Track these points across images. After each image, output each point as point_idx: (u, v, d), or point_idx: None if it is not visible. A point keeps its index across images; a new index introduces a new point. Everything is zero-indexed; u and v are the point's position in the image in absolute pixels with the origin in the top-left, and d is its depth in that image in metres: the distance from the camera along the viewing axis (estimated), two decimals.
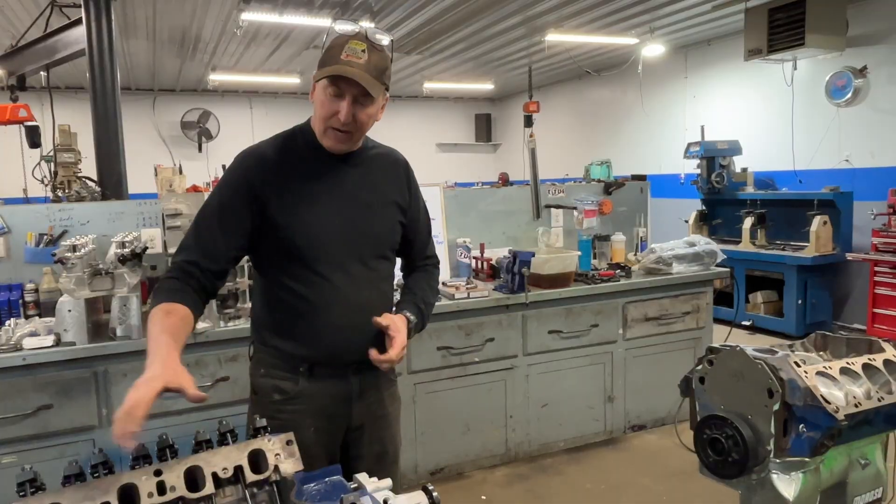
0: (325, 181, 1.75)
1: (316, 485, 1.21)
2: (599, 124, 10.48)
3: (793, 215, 6.48)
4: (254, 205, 1.68)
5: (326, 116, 1.67)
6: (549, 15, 6.89)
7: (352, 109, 1.64)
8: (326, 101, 1.65)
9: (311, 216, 1.72)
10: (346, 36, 1.64)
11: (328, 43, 1.68)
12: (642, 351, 4.14)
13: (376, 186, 1.84)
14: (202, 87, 10.76)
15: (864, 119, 6.42)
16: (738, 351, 1.30)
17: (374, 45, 1.65)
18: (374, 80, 1.63)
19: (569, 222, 4.65)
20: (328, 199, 1.74)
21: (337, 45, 1.63)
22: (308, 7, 6.28)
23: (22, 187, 7.37)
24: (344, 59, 1.61)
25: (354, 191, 1.78)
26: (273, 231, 1.70)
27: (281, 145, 1.77)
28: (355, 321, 1.75)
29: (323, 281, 1.73)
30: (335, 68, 1.61)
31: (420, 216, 1.98)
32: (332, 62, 1.62)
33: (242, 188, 1.69)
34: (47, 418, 2.74)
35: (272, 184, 1.70)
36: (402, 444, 3.48)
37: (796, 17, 6.05)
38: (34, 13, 5.55)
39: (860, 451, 1.34)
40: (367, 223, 1.79)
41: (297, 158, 1.75)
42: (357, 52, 1.62)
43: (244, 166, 1.73)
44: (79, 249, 2.78)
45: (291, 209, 1.71)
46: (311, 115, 1.78)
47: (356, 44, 1.62)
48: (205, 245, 1.68)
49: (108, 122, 4.61)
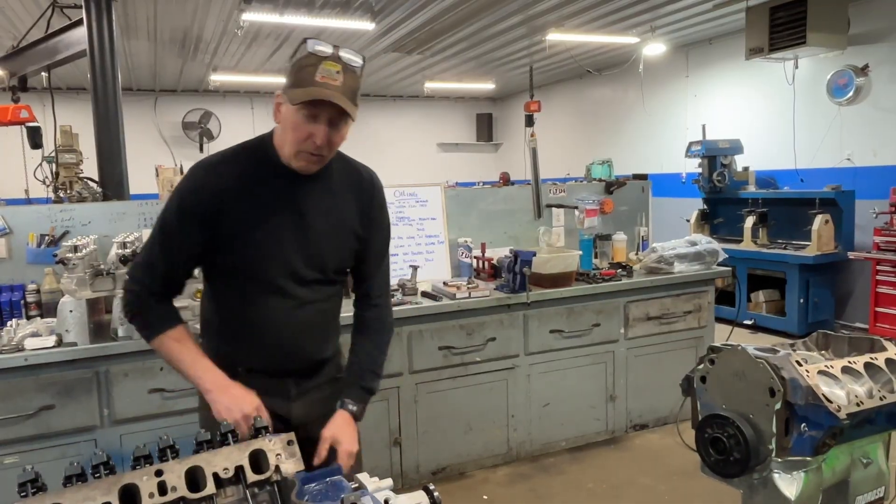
0: (280, 202, 1.73)
1: (317, 485, 1.21)
2: (601, 124, 10.48)
3: (794, 214, 6.47)
4: (208, 223, 1.69)
5: (300, 139, 1.63)
6: (550, 14, 6.88)
7: (327, 133, 1.63)
8: (300, 124, 1.61)
9: (258, 237, 1.71)
10: (319, 56, 1.58)
11: (297, 61, 1.61)
12: (644, 350, 4.13)
13: (332, 210, 1.80)
14: (203, 87, 10.77)
15: (866, 117, 6.40)
16: (740, 350, 1.30)
17: (348, 66, 1.61)
18: (350, 104, 1.61)
19: (570, 222, 4.65)
20: (280, 221, 1.73)
21: (309, 66, 1.58)
22: (309, 7, 6.27)
23: (24, 188, 7.39)
24: (319, 80, 1.56)
25: (308, 214, 1.75)
26: (220, 246, 1.71)
27: (237, 160, 1.75)
28: (291, 341, 1.79)
29: (262, 300, 1.75)
30: (314, 91, 1.56)
31: (374, 244, 1.91)
32: (305, 84, 1.57)
33: (198, 207, 1.69)
34: (49, 419, 2.75)
35: (225, 202, 1.69)
36: (403, 443, 3.51)
37: (797, 15, 6.04)
38: (35, 14, 5.55)
39: (862, 450, 1.34)
40: (315, 247, 1.77)
41: (253, 176, 1.72)
42: (332, 73, 1.57)
43: (199, 182, 1.72)
44: (80, 250, 2.78)
45: (240, 228, 1.70)
46: (275, 130, 1.75)
47: (331, 65, 1.58)
48: (169, 269, 1.74)
49: (109, 122, 4.61)
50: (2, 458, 2.71)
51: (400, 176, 5.26)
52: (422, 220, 4.16)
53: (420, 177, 9.77)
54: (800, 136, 6.98)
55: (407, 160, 12.31)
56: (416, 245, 4.13)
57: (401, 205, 4.14)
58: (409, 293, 3.65)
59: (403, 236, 4.09)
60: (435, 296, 3.59)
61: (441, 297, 3.57)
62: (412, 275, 3.79)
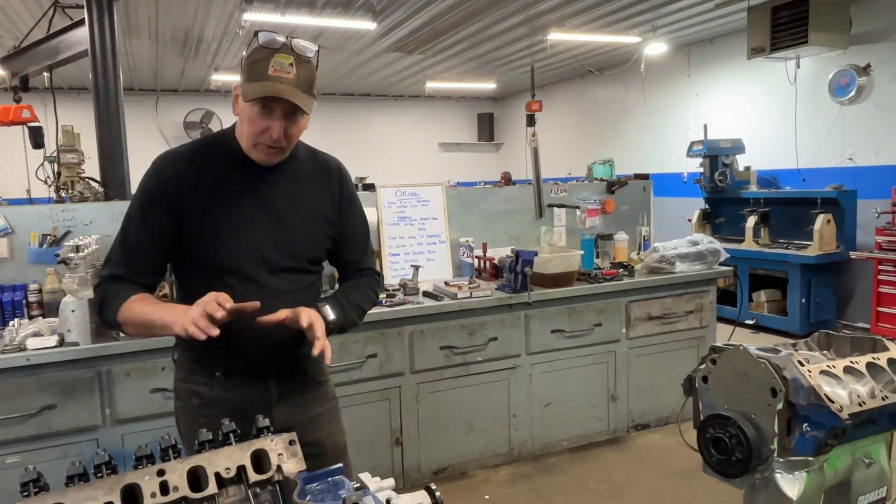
0: (245, 192, 1.71)
1: (318, 484, 1.21)
2: (602, 123, 10.47)
3: (796, 214, 6.47)
4: (172, 214, 1.67)
5: (256, 133, 1.62)
6: (552, 14, 6.88)
7: (283, 126, 1.61)
8: (256, 118, 1.60)
9: (227, 229, 1.69)
10: (271, 49, 1.55)
11: (250, 55, 1.59)
12: (645, 350, 4.13)
13: (300, 197, 1.78)
14: (205, 87, 10.77)
15: (868, 117, 6.39)
16: (742, 350, 1.29)
17: (302, 57, 1.58)
18: (305, 96, 1.58)
19: (571, 221, 4.65)
20: (245, 211, 1.71)
21: (262, 59, 1.55)
22: (310, 7, 6.28)
23: (25, 188, 7.40)
24: (272, 74, 1.54)
25: (275, 202, 1.73)
26: (188, 241, 1.69)
27: (200, 152, 1.74)
28: (269, 333, 1.68)
29: (235, 294, 1.64)
30: (265, 87, 1.54)
31: (355, 229, 1.90)
32: (258, 78, 1.55)
33: (161, 198, 1.67)
34: (51, 418, 2.75)
35: (188, 194, 1.67)
36: (404, 443, 3.50)
37: (799, 14, 6.03)
38: (37, 14, 5.56)
39: (864, 451, 1.34)
40: (285, 236, 1.74)
41: (216, 168, 1.71)
42: (285, 66, 1.55)
43: (161, 175, 1.69)
44: (82, 250, 2.78)
45: (207, 220, 1.68)
46: (236, 123, 1.73)
47: (283, 57, 1.55)
48: (132, 259, 1.69)
49: (110, 122, 4.61)
50: (4, 458, 2.71)
51: (401, 176, 5.25)
52: (423, 220, 4.16)
53: (421, 177, 9.77)
54: (801, 136, 6.97)
55: (408, 160, 12.32)
56: (418, 245, 4.13)
57: (402, 205, 4.14)
58: (410, 293, 3.65)
59: (405, 236, 4.10)
60: (436, 296, 3.59)
61: (443, 297, 3.57)
62: (413, 274, 3.79)
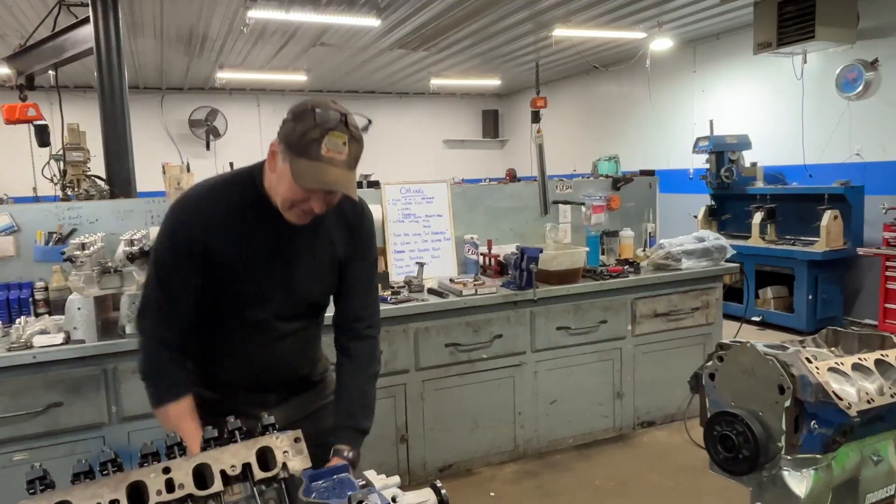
0: (267, 242, 1.70)
1: (324, 482, 1.21)
2: (607, 119, 10.44)
3: (803, 210, 6.43)
4: (198, 255, 1.66)
5: (297, 201, 1.59)
6: (557, 10, 6.86)
7: (325, 200, 1.60)
8: (297, 189, 1.56)
9: (243, 279, 1.70)
10: (327, 127, 1.52)
11: (303, 126, 1.53)
12: (651, 347, 4.12)
13: (319, 247, 1.77)
14: (210, 85, 10.79)
15: (876, 112, 6.35)
16: (749, 347, 1.28)
17: (354, 134, 1.56)
18: (352, 175, 1.58)
19: (577, 218, 4.64)
20: (265, 261, 1.71)
21: (316, 138, 1.51)
22: (315, 4, 6.27)
23: (31, 186, 7.43)
24: (326, 154, 1.51)
25: (295, 254, 1.73)
26: (208, 282, 1.69)
27: (225, 194, 1.71)
28: (275, 367, 1.80)
29: (247, 335, 1.74)
30: (319, 172, 1.52)
31: (358, 273, 1.85)
32: (310, 155, 1.51)
33: (186, 239, 1.66)
34: (57, 416, 2.76)
35: (216, 242, 1.66)
36: (410, 440, 3.51)
37: (806, 9, 5.99)
38: (42, 12, 5.57)
39: (872, 448, 1.33)
40: (299, 287, 1.76)
41: (241, 213, 1.68)
42: (339, 146, 1.53)
43: (186, 216, 1.68)
44: (88, 247, 2.79)
45: (229, 268, 1.68)
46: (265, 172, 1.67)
47: (337, 136, 1.52)
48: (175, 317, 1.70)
49: (116, 120, 4.62)
50: (11, 455, 2.72)
51: (406, 173, 5.24)
52: (428, 217, 4.16)
53: (426, 173, 9.78)
54: (808, 132, 6.93)
55: (413, 157, 12.31)
56: (423, 242, 4.12)
57: (407, 202, 4.13)
58: (415, 290, 3.65)
59: (410, 233, 4.09)
60: (441, 293, 3.59)
61: (447, 294, 3.57)
62: (418, 271, 3.79)
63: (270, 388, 1.83)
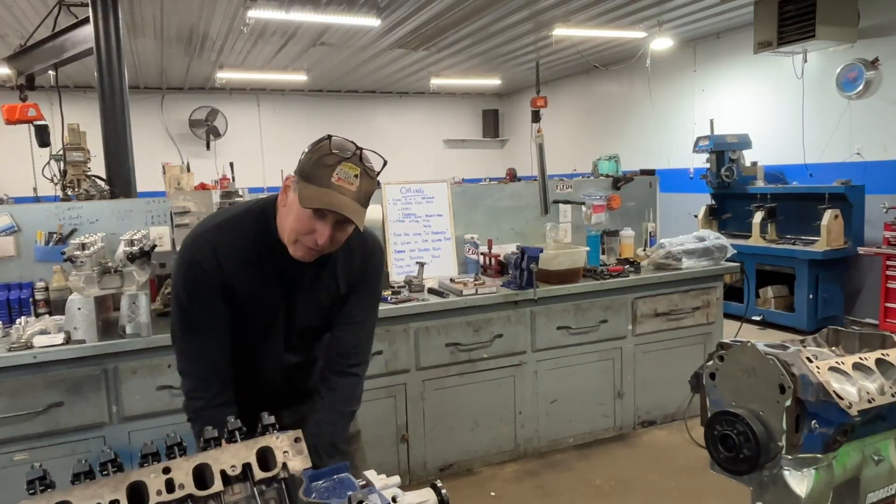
0: (277, 277, 1.71)
1: (324, 482, 1.20)
2: (608, 119, 10.44)
3: (803, 209, 6.43)
4: (217, 288, 1.66)
5: (302, 232, 1.57)
6: (557, 9, 6.86)
7: (332, 234, 1.57)
8: (305, 219, 1.55)
9: (249, 318, 1.72)
10: (340, 157, 1.52)
11: (318, 155, 1.54)
12: (652, 346, 4.12)
13: (328, 281, 1.77)
14: (210, 85, 10.79)
15: (876, 111, 6.35)
16: (750, 346, 1.28)
17: (368, 170, 1.56)
18: (361, 210, 1.56)
19: (577, 218, 4.64)
20: (271, 301, 1.73)
21: (328, 165, 1.51)
22: (314, 4, 6.27)
23: (32, 186, 7.43)
24: (335, 182, 1.50)
25: (304, 289, 1.74)
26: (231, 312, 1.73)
27: (239, 229, 1.70)
28: (282, 387, 1.87)
29: (256, 362, 1.80)
30: (325, 196, 1.50)
31: (357, 306, 1.83)
32: (320, 183, 1.51)
33: (205, 282, 1.65)
34: (58, 416, 2.76)
35: (226, 271, 1.66)
36: (410, 440, 3.51)
37: (806, 8, 5.99)
38: (42, 12, 5.57)
39: (873, 447, 1.32)
40: (309, 322, 1.80)
41: (253, 251, 1.68)
42: (350, 177, 1.52)
43: (200, 253, 1.66)
44: (88, 248, 2.79)
45: (239, 304, 1.70)
46: (278, 207, 1.66)
47: (350, 167, 1.52)
48: (205, 348, 1.70)
49: (116, 120, 4.62)
50: (11, 455, 2.72)
51: (406, 172, 5.24)
52: (428, 217, 4.16)
53: (426, 173, 9.76)
54: (809, 131, 6.93)
55: (413, 157, 12.29)
56: (423, 242, 4.12)
57: (407, 201, 4.13)
58: (415, 290, 3.65)
59: (410, 233, 4.09)
60: (441, 292, 3.59)
61: (448, 294, 3.57)
62: (419, 271, 3.79)
63: (277, 405, 1.84)
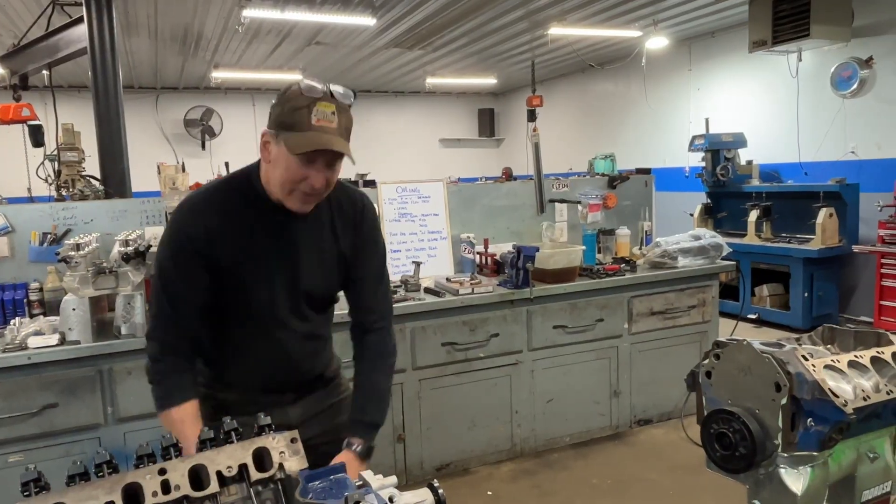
0: (271, 240, 1.69)
1: (321, 482, 1.20)
2: (603, 118, 10.45)
3: (798, 208, 6.45)
4: (202, 259, 1.65)
5: (295, 181, 1.57)
6: (552, 8, 6.86)
7: (325, 175, 1.58)
8: (295, 167, 1.55)
9: (246, 279, 1.69)
10: (313, 97, 1.52)
11: (288, 101, 1.55)
12: (648, 345, 4.13)
13: (322, 241, 1.76)
14: (205, 84, 10.75)
15: (871, 110, 6.37)
16: (745, 345, 1.28)
17: (342, 105, 1.56)
18: (346, 144, 1.56)
19: (573, 217, 4.64)
20: (270, 261, 1.70)
21: (302, 108, 1.51)
22: (309, 3, 6.26)
23: (26, 186, 7.39)
24: (316, 124, 1.51)
25: (297, 249, 1.72)
26: (215, 286, 1.68)
27: (223, 198, 1.70)
28: (287, 369, 1.79)
29: (257, 337, 1.74)
30: (312, 138, 1.51)
31: (368, 271, 1.85)
32: (301, 127, 1.51)
33: (193, 253, 1.64)
34: (53, 417, 2.75)
35: (218, 245, 1.65)
36: (407, 439, 3.51)
37: (801, 7, 6.00)
38: (36, 12, 5.55)
39: (869, 445, 1.33)
40: (304, 284, 1.75)
41: (240, 212, 1.67)
42: (328, 115, 1.52)
43: (186, 220, 1.67)
44: (82, 248, 2.78)
45: (234, 271, 1.67)
46: (258, 165, 1.68)
47: (325, 106, 1.52)
48: (179, 320, 1.68)
49: (110, 120, 4.61)
50: (6, 457, 2.71)
51: (402, 172, 5.24)
52: (424, 216, 4.16)
53: (422, 173, 9.75)
54: (804, 130, 6.95)
55: (409, 156, 12.30)
56: (419, 241, 4.12)
57: (403, 201, 4.13)
58: (411, 289, 3.64)
59: (406, 232, 4.09)
60: (438, 292, 3.59)
61: (444, 293, 3.56)
62: (415, 271, 3.79)
63: (284, 388, 1.82)
